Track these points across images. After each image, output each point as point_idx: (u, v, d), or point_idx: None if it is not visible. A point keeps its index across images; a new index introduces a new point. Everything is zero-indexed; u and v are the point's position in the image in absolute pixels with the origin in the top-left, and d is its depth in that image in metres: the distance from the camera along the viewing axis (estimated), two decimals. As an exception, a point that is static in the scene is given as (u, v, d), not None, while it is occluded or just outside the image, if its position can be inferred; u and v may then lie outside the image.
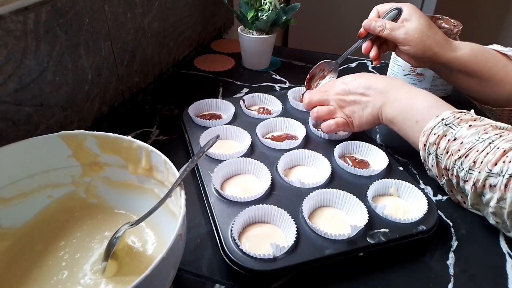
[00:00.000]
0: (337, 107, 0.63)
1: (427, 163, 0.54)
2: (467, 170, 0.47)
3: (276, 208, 0.49)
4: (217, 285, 0.44)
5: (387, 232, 0.47)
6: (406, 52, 0.65)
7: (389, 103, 0.57)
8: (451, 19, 0.76)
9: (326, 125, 0.62)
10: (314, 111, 0.64)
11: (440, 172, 0.52)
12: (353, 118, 0.62)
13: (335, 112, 0.63)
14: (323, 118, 0.64)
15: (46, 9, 0.53)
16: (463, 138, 0.48)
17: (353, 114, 0.61)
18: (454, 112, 0.51)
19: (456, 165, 0.49)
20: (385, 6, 0.67)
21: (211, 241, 0.49)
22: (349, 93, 0.61)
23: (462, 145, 0.48)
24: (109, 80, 0.69)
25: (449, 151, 0.49)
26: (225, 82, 0.88)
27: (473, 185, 0.47)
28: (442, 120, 0.50)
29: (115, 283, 0.41)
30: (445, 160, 0.50)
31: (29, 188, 0.45)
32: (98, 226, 0.47)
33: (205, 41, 1.07)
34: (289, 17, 0.88)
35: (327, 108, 0.63)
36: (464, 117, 0.50)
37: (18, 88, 0.51)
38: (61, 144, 0.46)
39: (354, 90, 0.61)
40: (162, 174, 0.44)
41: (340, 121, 0.62)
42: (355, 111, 0.61)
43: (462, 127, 0.49)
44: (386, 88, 0.59)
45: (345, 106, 0.62)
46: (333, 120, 0.62)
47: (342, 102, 0.62)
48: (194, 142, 0.63)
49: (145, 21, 0.76)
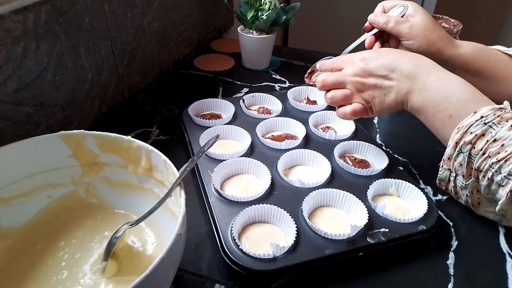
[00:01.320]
0: (354, 91, 0.56)
1: (451, 161, 0.49)
2: (505, 175, 0.44)
3: (276, 208, 0.49)
4: (217, 285, 0.44)
5: (387, 232, 0.47)
6: (410, 47, 0.62)
7: (416, 91, 0.51)
8: (451, 19, 0.76)
9: (342, 112, 0.56)
10: (328, 96, 0.57)
11: (469, 172, 0.48)
12: (373, 104, 0.55)
13: (351, 97, 0.56)
14: (338, 104, 0.57)
15: (46, 9, 0.53)
16: (504, 139, 0.44)
17: (373, 100, 0.54)
18: (494, 108, 0.46)
19: (492, 168, 0.45)
20: (391, 3, 0.66)
21: (211, 241, 0.49)
22: (369, 74, 0.54)
23: (502, 147, 0.44)
24: (109, 80, 0.69)
25: (486, 153, 0.45)
26: (225, 82, 0.88)
27: (509, 192, 0.44)
28: (481, 118, 0.46)
29: (115, 283, 0.41)
30: (480, 161, 0.46)
31: (29, 188, 0.45)
32: (98, 226, 0.47)
33: (205, 41, 1.07)
34: (289, 17, 0.88)
35: (343, 92, 0.56)
36: (505, 115, 0.45)
37: (18, 88, 0.51)
38: (61, 144, 0.46)
39: (375, 71, 0.53)
40: (162, 174, 0.44)
41: (357, 108, 0.55)
42: (376, 97, 0.54)
43: (502, 126, 0.45)
44: (413, 71, 0.52)
45: (363, 90, 0.55)
46: (349, 107, 0.56)
47: (361, 85, 0.55)
48: (194, 142, 0.63)
49: (145, 21, 0.76)
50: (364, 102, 0.55)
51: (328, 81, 0.57)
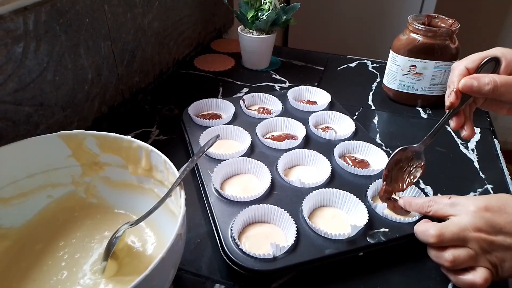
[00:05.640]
0: (479, 251, 0.42)
1: None
2: None
3: (276, 207, 0.49)
4: (217, 285, 0.44)
5: (387, 232, 0.47)
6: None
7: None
8: (448, 18, 0.76)
9: (469, 283, 0.42)
10: (448, 258, 0.42)
11: None
12: (502, 268, 0.42)
13: (477, 259, 0.42)
14: (462, 267, 0.43)
15: (46, 9, 0.53)
16: None
17: (503, 264, 0.42)
18: None
19: None
20: (472, 58, 0.49)
21: (211, 241, 0.49)
22: (499, 231, 0.42)
23: None
24: (109, 80, 0.69)
25: None
26: (225, 82, 0.88)
27: None
28: None
29: (115, 283, 0.41)
30: None
31: (29, 188, 0.45)
32: (97, 226, 0.47)
33: (205, 41, 1.07)
34: (289, 17, 0.88)
35: (467, 253, 0.42)
36: None
37: (18, 88, 0.51)
38: (61, 144, 0.46)
39: (506, 228, 0.42)
40: (162, 174, 0.44)
41: (488, 276, 0.41)
42: (507, 260, 0.42)
43: None
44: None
45: (491, 251, 0.42)
46: (479, 277, 0.41)
47: (487, 244, 0.42)
48: (194, 142, 0.63)
49: (145, 21, 0.76)
50: (490, 266, 0.42)
51: (447, 236, 0.43)
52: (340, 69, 0.96)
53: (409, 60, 0.76)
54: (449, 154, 0.67)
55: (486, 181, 0.61)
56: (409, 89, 0.79)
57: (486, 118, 0.77)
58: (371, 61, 1.00)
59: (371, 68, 0.97)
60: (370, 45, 1.64)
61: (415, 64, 0.75)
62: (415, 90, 0.78)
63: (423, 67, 0.75)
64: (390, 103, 0.82)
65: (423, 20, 0.77)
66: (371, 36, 1.64)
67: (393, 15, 1.58)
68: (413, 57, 0.75)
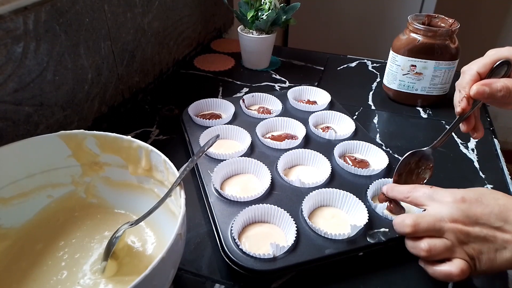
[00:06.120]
0: (455, 242, 0.42)
1: None
2: None
3: (276, 207, 0.49)
4: (217, 285, 0.44)
5: (387, 232, 0.47)
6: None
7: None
8: (448, 18, 0.76)
9: (445, 274, 0.42)
10: (424, 248, 0.42)
11: None
12: (479, 261, 0.42)
13: (453, 250, 0.42)
14: (436, 258, 0.43)
15: (46, 9, 0.53)
16: None
17: (480, 256, 0.42)
18: None
19: None
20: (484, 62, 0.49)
21: (211, 241, 0.49)
22: (475, 222, 0.42)
23: None
24: (109, 79, 0.69)
25: None
26: (225, 82, 0.88)
27: None
28: None
29: (115, 283, 0.41)
30: None
31: (29, 188, 0.45)
32: (97, 226, 0.47)
33: (205, 41, 1.07)
34: (289, 16, 0.88)
35: (443, 243, 0.42)
36: None
37: (18, 88, 0.51)
38: (61, 144, 0.46)
39: (483, 219, 0.42)
40: (162, 174, 0.44)
41: (465, 267, 0.41)
42: (484, 252, 0.41)
43: None
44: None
45: (467, 242, 0.42)
46: (455, 268, 0.41)
47: (464, 235, 0.42)
48: (194, 141, 0.63)
49: (145, 21, 0.76)
50: (467, 258, 0.42)
51: (422, 226, 0.43)
52: (340, 69, 0.96)
53: (409, 60, 0.76)
54: (449, 154, 0.67)
55: (486, 181, 0.61)
56: (409, 89, 0.79)
57: (486, 118, 0.77)
58: (371, 61, 1.00)
59: (371, 68, 0.97)
60: (370, 45, 1.64)
61: (415, 64, 0.75)
62: (415, 90, 0.78)
63: (423, 67, 0.75)
64: (390, 103, 0.82)
65: (423, 20, 0.77)
66: (371, 36, 1.64)
67: (393, 15, 1.58)
68: (413, 57, 0.75)
